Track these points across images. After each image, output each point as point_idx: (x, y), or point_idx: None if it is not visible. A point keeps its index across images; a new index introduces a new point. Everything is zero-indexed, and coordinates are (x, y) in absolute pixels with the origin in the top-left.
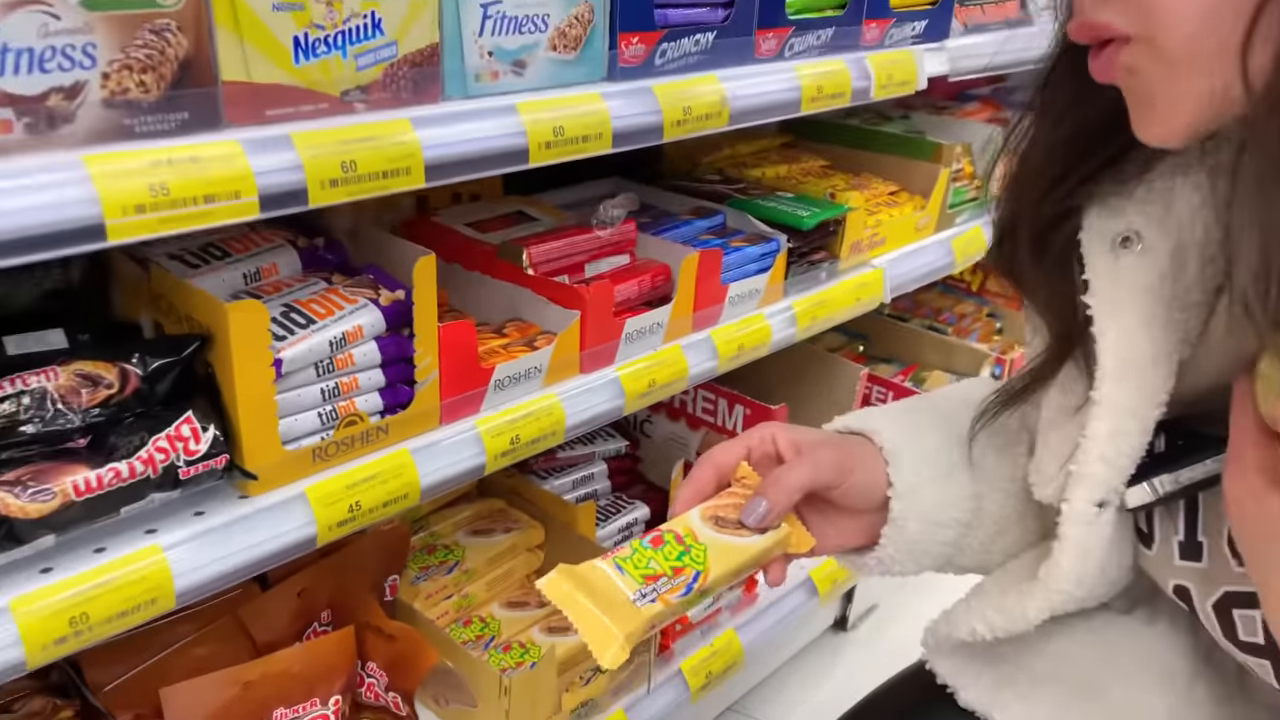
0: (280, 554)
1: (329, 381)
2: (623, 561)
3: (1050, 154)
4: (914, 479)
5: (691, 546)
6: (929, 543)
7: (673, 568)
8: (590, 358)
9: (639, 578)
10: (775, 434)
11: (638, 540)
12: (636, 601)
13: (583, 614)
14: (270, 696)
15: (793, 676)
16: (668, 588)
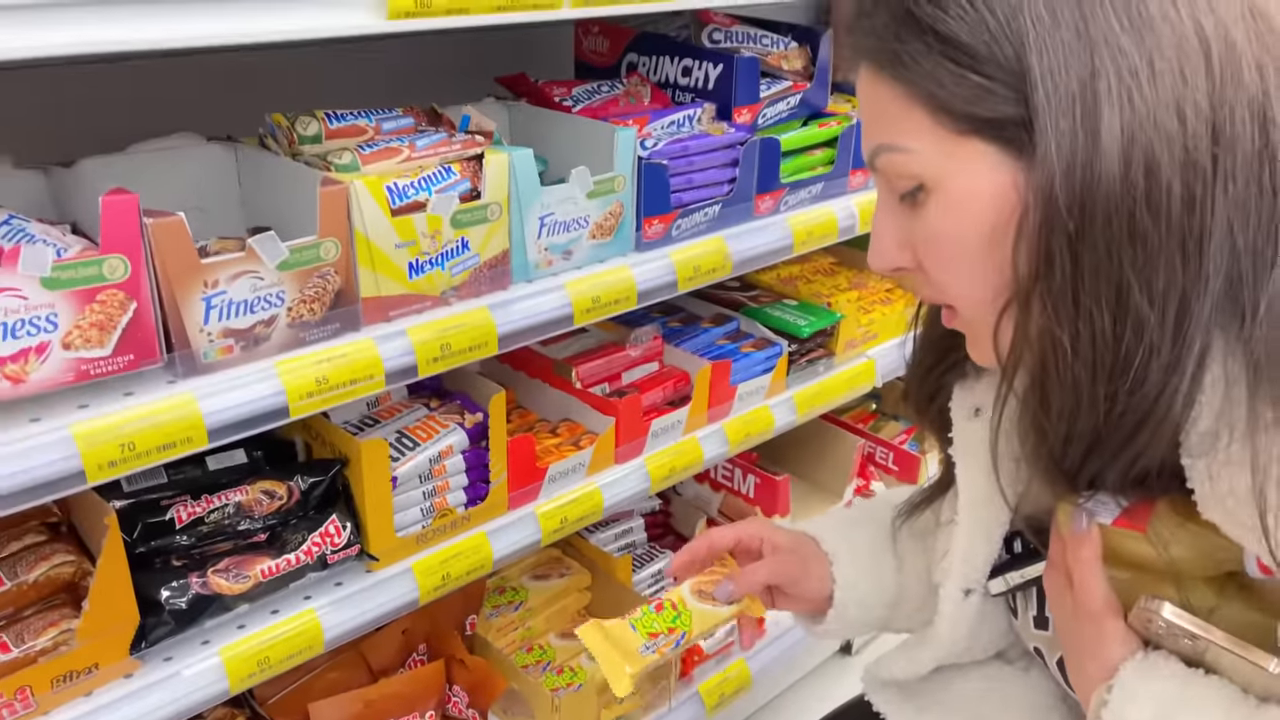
0: (395, 612)
1: (428, 485)
2: (636, 622)
3: (926, 349)
4: (852, 575)
5: (681, 613)
6: (864, 619)
7: (668, 628)
8: (623, 452)
9: (645, 634)
10: (762, 534)
11: (647, 606)
12: (643, 651)
13: (605, 654)
14: (385, 711)
15: (801, 696)
16: (664, 643)
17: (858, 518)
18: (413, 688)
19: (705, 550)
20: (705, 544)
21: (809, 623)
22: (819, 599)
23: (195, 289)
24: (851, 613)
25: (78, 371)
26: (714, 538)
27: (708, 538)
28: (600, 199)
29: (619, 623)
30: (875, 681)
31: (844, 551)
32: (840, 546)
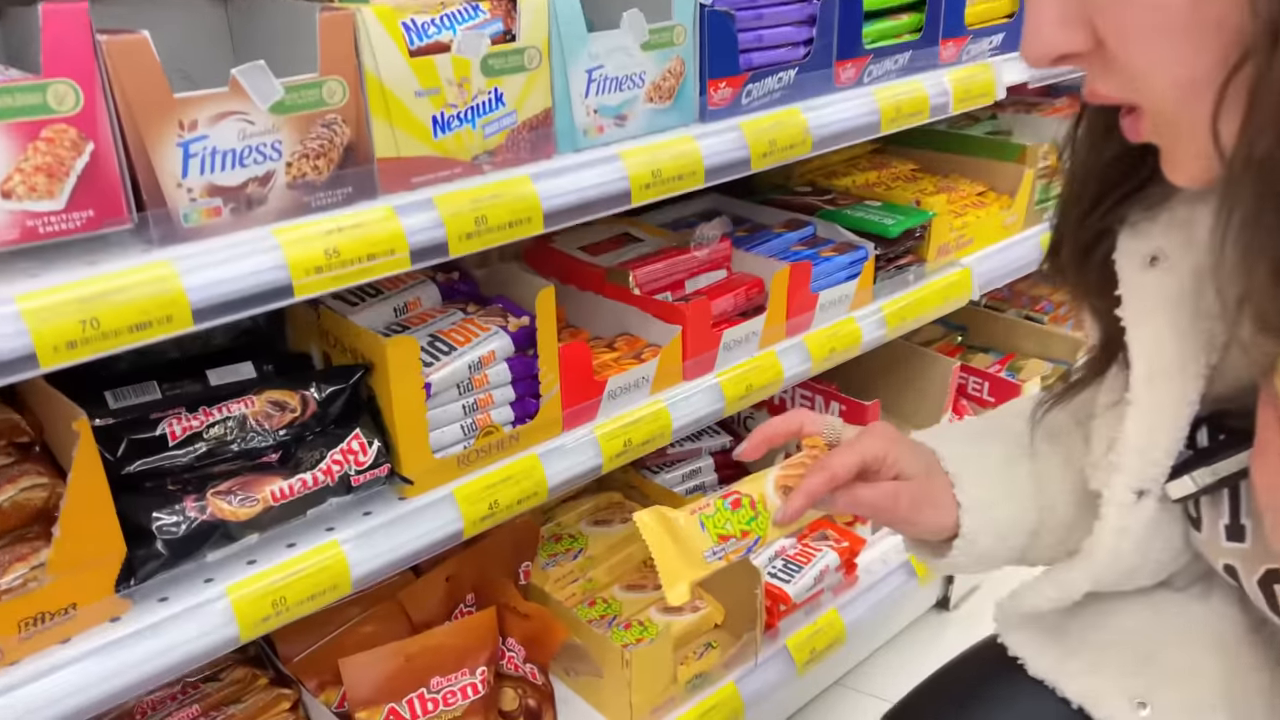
0: (434, 545)
1: (469, 399)
2: (706, 519)
3: (1086, 181)
4: (983, 497)
5: (759, 514)
6: (998, 550)
7: (741, 530)
8: (692, 367)
9: (715, 536)
10: (887, 454)
11: (721, 500)
12: (708, 557)
13: (664, 552)
14: (428, 666)
15: (896, 653)
16: (733, 548)
17: (983, 430)
18: (461, 639)
19: (790, 431)
20: (794, 424)
21: (928, 554)
22: (942, 525)
23: (168, 131)
24: (983, 543)
25: (23, 229)
26: (807, 425)
27: (798, 418)
28: (657, 52)
29: (687, 517)
30: (1011, 618)
31: (972, 470)
32: (966, 464)
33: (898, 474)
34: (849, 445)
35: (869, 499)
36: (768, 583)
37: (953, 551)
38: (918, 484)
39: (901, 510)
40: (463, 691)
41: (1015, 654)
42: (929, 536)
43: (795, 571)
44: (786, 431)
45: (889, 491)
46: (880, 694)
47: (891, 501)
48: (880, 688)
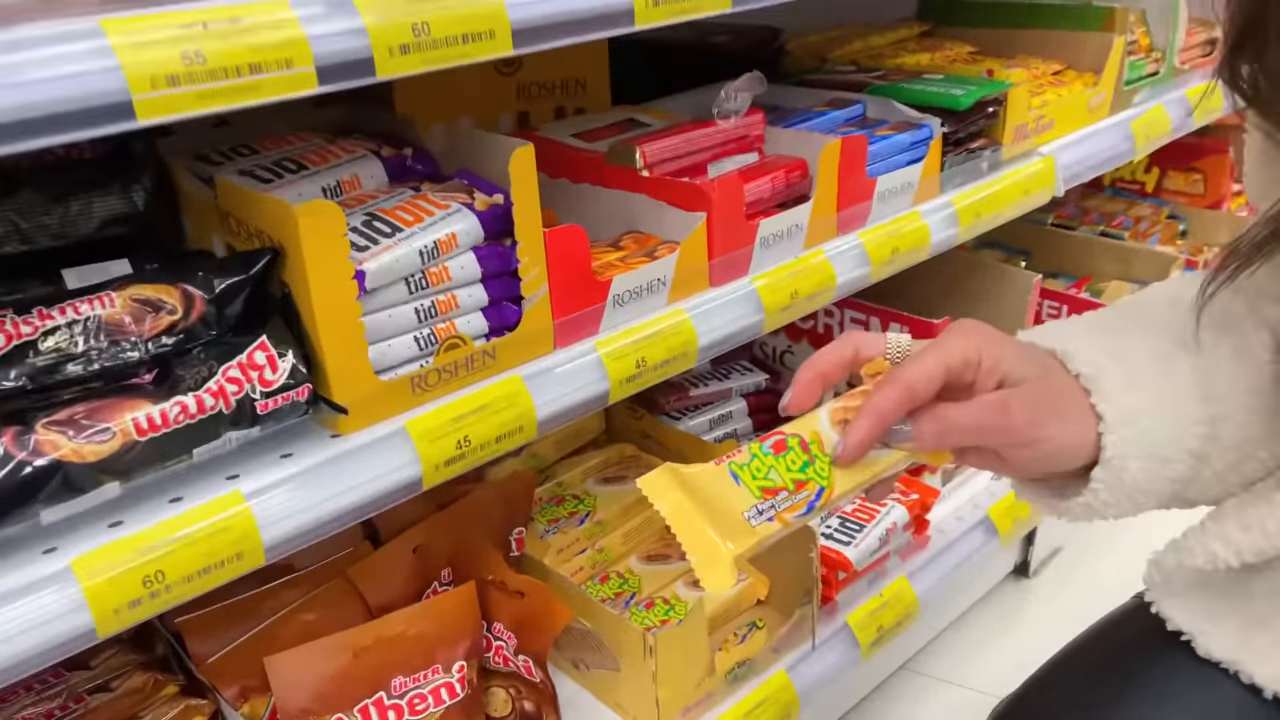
0: (382, 498)
1: (423, 300)
2: (740, 469)
3: None
4: (1133, 406)
5: (817, 457)
6: (1151, 482)
7: (794, 480)
8: (721, 268)
9: (756, 490)
10: (983, 352)
11: (757, 444)
12: (751, 518)
13: (689, 524)
14: (386, 664)
15: (970, 631)
16: (787, 504)
17: (1118, 321)
18: (429, 626)
19: (846, 361)
20: (849, 350)
21: (1047, 495)
22: (1074, 447)
23: None
24: (1133, 470)
25: None
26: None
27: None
28: None
29: (711, 470)
30: (1171, 580)
31: (1114, 369)
32: (1104, 362)
33: (1001, 381)
34: (927, 349)
35: (964, 419)
36: (823, 546)
37: (1091, 485)
38: (1033, 389)
39: (1015, 429)
40: (435, 694)
41: (1178, 628)
42: (1052, 467)
43: (856, 531)
44: (840, 360)
45: (994, 403)
46: (954, 679)
47: (999, 416)
48: (954, 671)
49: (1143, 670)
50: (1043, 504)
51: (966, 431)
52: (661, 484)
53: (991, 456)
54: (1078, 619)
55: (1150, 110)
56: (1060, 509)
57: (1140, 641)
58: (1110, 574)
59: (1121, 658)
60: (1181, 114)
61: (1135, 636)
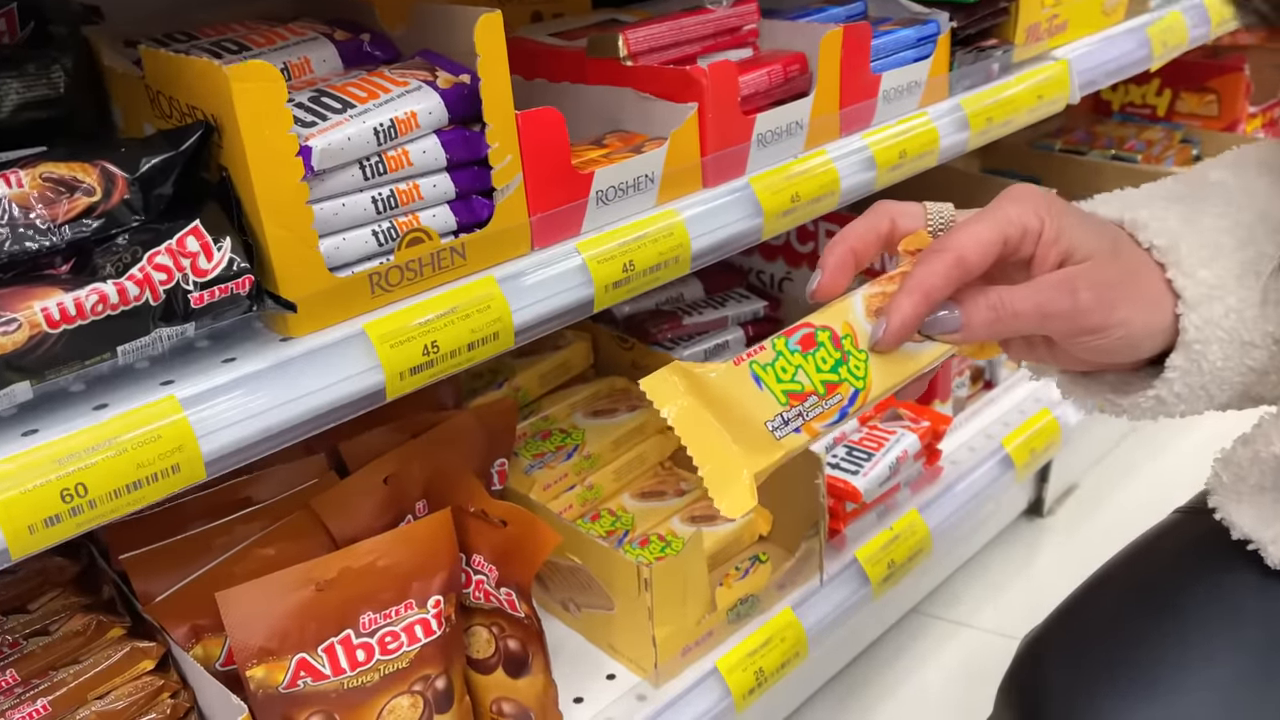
0: (340, 407)
1: (381, 189)
2: (763, 370)
3: None
4: (1213, 280)
5: (850, 354)
6: (1229, 371)
7: (825, 383)
8: (715, 166)
9: (782, 395)
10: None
11: (782, 340)
12: (775, 429)
13: (702, 434)
14: (353, 598)
15: (982, 573)
16: (817, 412)
17: (1190, 190)
18: (402, 557)
19: (880, 238)
20: (884, 223)
21: (1106, 392)
22: (1148, 331)
23: None
24: (1213, 357)
25: None
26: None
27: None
28: None
29: (729, 370)
30: (1241, 479)
31: (1192, 243)
32: (1182, 232)
33: (1063, 256)
34: (979, 216)
35: (1023, 302)
36: (829, 475)
37: (1165, 375)
38: (1102, 266)
39: (1083, 314)
40: (409, 632)
41: (1244, 535)
42: (1120, 357)
43: (864, 460)
44: (874, 233)
45: (1058, 284)
46: (971, 621)
47: (1065, 298)
48: (970, 614)
49: (1203, 582)
50: (1098, 403)
51: (1024, 318)
52: (669, 386)
53: (1044, 348)
54: (1096, 560)
55: (1167, 16)
56: (1120, 407)
57: (1196, 552)
58: (1127, 512)
59: (1175, 571)
60: (1199, 22)
61: (1191, 546)
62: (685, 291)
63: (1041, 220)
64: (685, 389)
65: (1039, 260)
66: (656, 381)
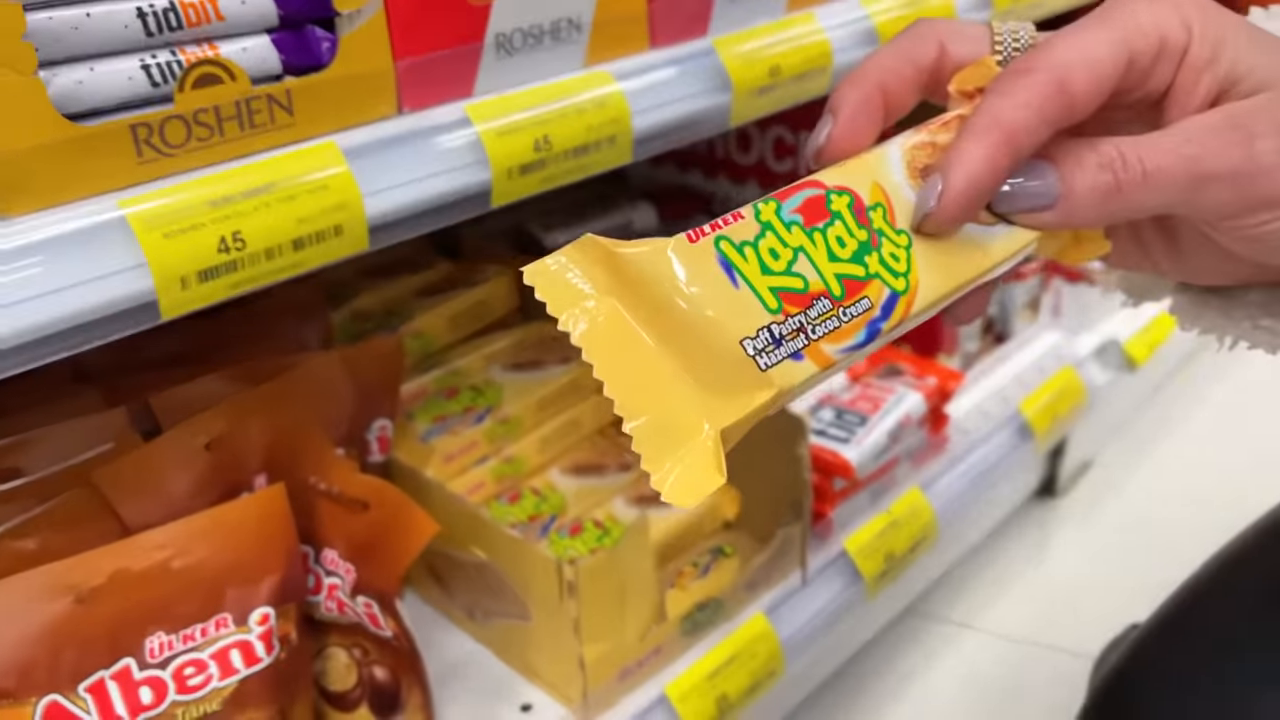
0: (77, 328)
1: None
2: (737, 252)
3: None
4: None
5: (884, 234)
6: None
7: (842, 278)
8: (666, 18)
9: (770, 295)
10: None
11: (771, 205)
12: (760, 354)
13: (631, 362)
14: (133, 613)
15: (987, 564)
16: (830, 325)
17: None
18: (208, 551)
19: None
20: (929, 48)
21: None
22: None
23: None
24: None
25: None
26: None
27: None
28: None
29: (680, 251)
30: None
31: None
32: None
33: (1222, 89)
34: (1087, 23)
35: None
36: (813, 444)
37: None
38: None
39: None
40: (222, 660)
41: None
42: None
43: (857, 425)
44: (914, 68)
45: (1221, 125)
46: (974, 622)
47: (1234, 145)
48: (974, 613)
49: None
50: (1240, 334)
51: (1164, 181)
52: (575, 276)
53: (1163, 245)
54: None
55: None
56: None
57: None
58: (1148, 491)
59: None
60: None
61: None
62: (635, 218)
63: (1189, 30)
64: (605, 283)
65: (1181, 94)
66: (552, 270)
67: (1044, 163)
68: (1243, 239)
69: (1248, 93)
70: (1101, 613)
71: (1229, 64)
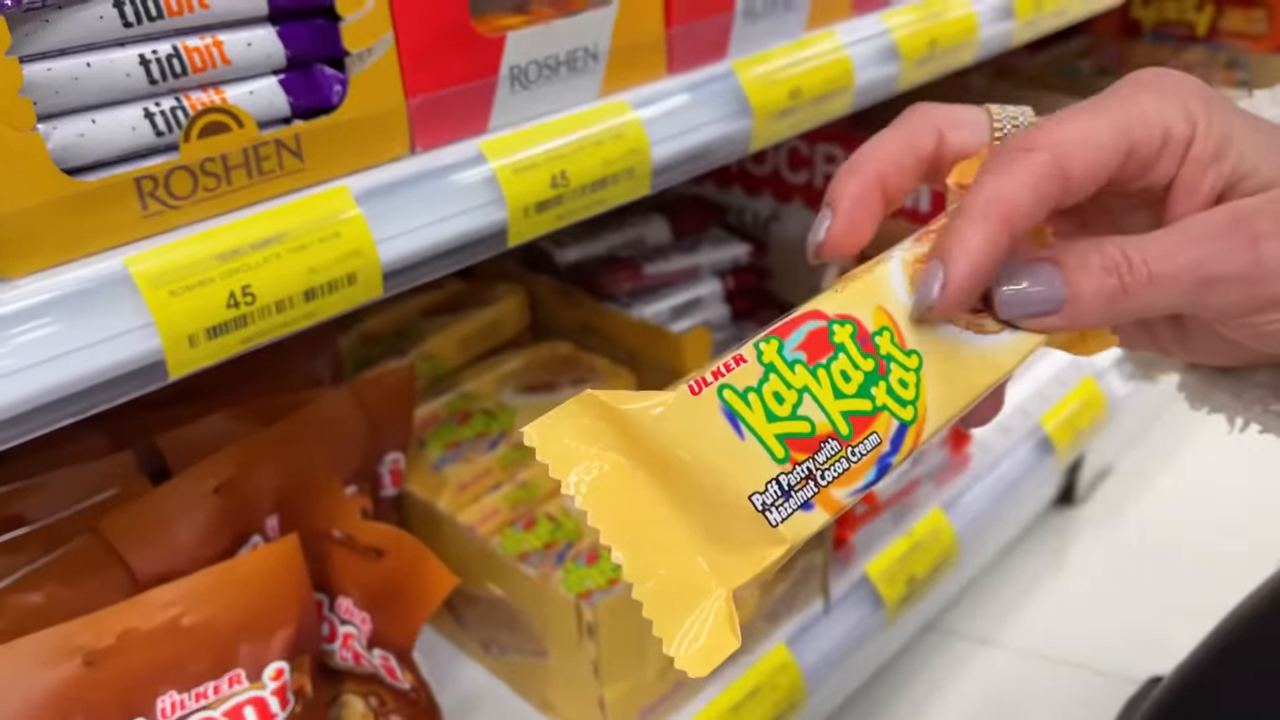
0: (83, 392)
1: (159, 43)
2: (741, 400)
3: None
4: None
5: (893, 361)
6: None
7: (849, 415)
8: (685, 43)
9: (777, 444)
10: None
11: (772, 344)
12: (769, 509)
13: (638, 523)
14: (144, 673)
15: (1006, 576)
16: (840, 468)
17: None
18: (221, 607)
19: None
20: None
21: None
22: None
23: None
24: None
25: None
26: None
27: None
28: None
29: (683, 404)
30: None
31: None
32: None
33: (1227, 184)
34: (1086, 109)
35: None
36: None
37: None
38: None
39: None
40: (234, 717)
41: None
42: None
43: None
44: (914, 157)
45: (1226, 227)
46: (994, 638)
47: (1239, 249)
48: (994, 629)
49: None
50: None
51: (1168, 285)
52: (577, 435)
53: (1170, 331)
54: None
55: None
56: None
57: None
58: (1167, 498)
59: None
60: None
61: None
62: (647, 233)
63: (1193, 124)
64: (607, 440)
65: (1185, 189)
66: (554, 428)
67: (1048, 266)
68: (1251, 335)
69: (1253, 190)
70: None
71: (1234, 160)
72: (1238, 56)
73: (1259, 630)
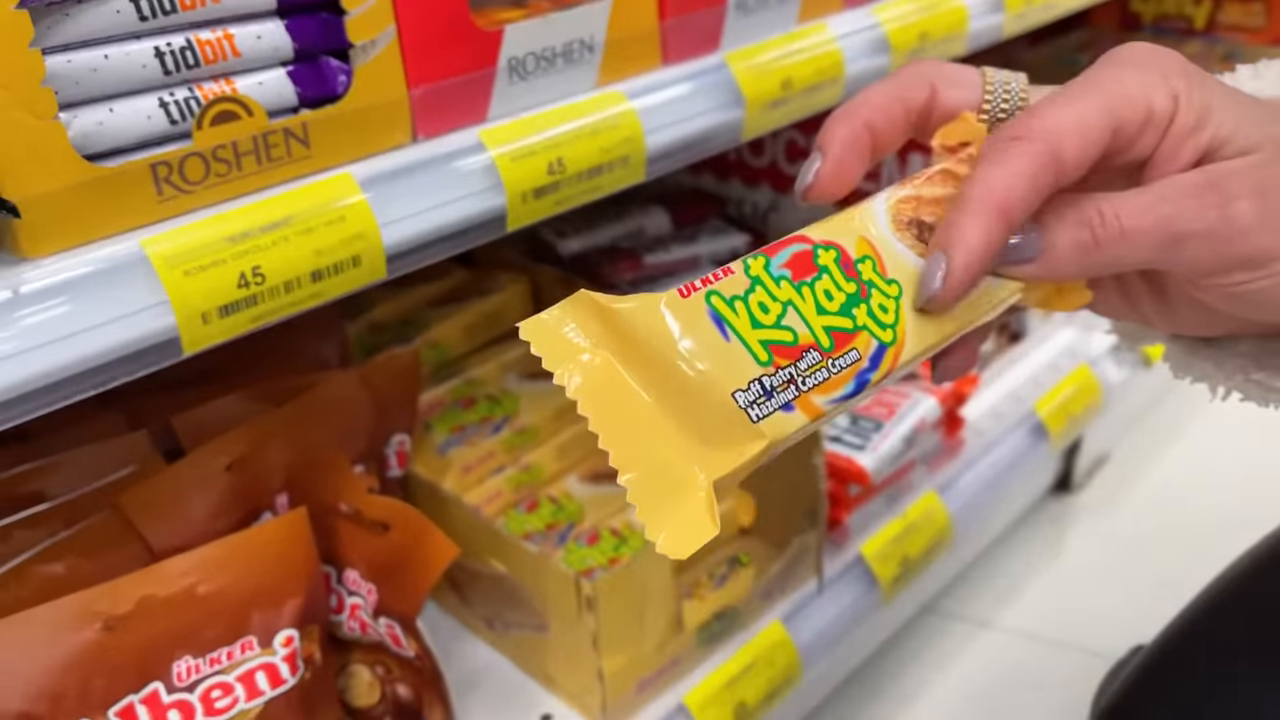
0: (100, 367)
1: (173, 36)
2: (727, 306)
3: None
4: None
5: (873, 286)
6: None
7: (831, 330)
8: (678, 35)
9: (761, 348)
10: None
11: (760, 260)
12: (751, 405)
13: (624, 414)
14: (161, 639)
15: (1003, 560)
16: (820, 376)
17: None
18: (232, 577)
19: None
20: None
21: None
22: None
23: None
24: None
25: None
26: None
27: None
28: None
29: (672, 305)
30: None
31: None
32: None
33: (1205, 153)
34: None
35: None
36: (828, 451)
37: None
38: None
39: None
40: (247, 683)
41: None
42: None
43: (872, 431)
44: (903, 108)
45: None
46: (992, 620)
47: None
48: (991, 611)
49: None
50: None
51: (1140, 240)
52: (568, 330)
53: (1150, 298)
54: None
55: None
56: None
57: None
58: (1165, 485)
59: None
60: None
61: None
62: (647, 223)
63: (1175, 99)
64: (597, 336)
65: (1163, 159)
66: (548, 325)
67: (1032, 224)
68: (1223, 296)
69: (1229, 156)
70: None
71: (1213, 129)
72: (1235, 50)
73: (1237, 599)
